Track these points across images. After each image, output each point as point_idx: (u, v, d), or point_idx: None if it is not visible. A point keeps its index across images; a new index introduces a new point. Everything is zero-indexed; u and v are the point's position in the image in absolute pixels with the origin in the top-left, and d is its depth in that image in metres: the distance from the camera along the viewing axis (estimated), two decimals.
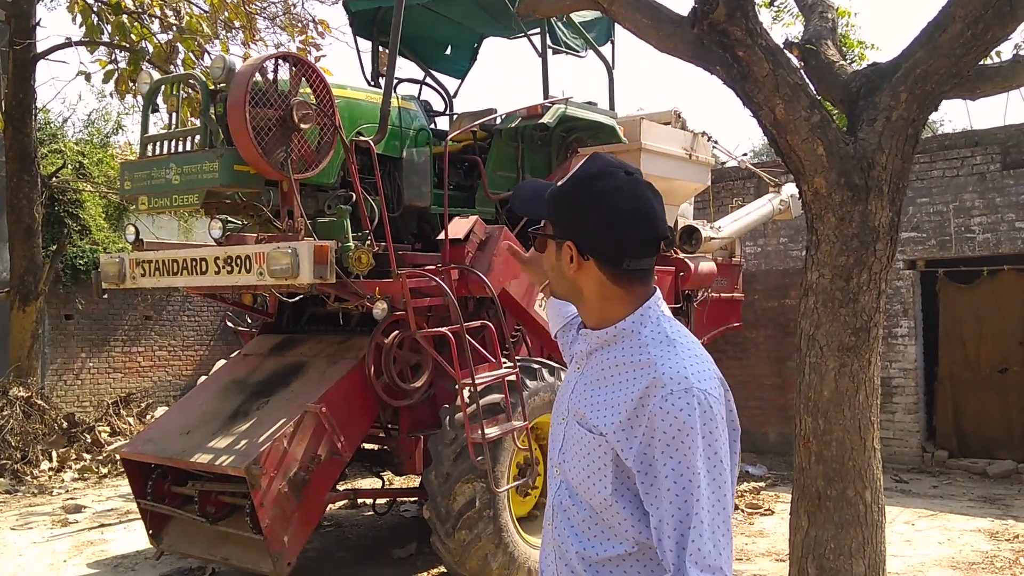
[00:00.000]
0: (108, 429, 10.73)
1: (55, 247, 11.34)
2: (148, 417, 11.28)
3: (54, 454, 9.75)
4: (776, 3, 4.89)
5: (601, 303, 1.72)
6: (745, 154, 17.95)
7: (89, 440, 10.22)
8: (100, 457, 9.93)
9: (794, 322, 3.98)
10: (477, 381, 5.30)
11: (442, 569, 5.90)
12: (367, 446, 6.51)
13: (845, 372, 3.54)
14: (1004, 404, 9.28)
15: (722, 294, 8.94)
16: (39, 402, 10.02)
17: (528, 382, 5.80)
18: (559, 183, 1.75)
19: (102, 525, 7.52)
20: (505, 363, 5.72)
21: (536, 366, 6.01)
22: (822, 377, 3.57)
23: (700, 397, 1.55)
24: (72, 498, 8.56)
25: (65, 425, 10.24)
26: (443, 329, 5.40)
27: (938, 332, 9.65)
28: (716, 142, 8.86)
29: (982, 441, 9.38)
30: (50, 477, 9.40)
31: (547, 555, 1.79)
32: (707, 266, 8.21)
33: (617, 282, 1.68)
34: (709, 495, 1.53)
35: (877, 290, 3.58)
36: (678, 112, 8.36)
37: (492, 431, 5.32)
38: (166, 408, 10.79)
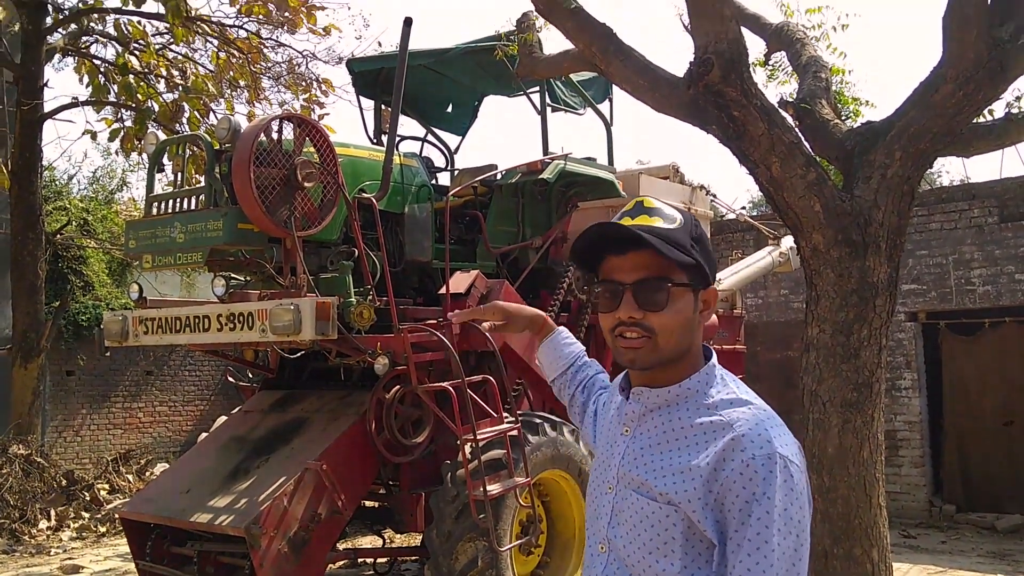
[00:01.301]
0: (107, 487, 10.64)
1: (58, 303, 11.37)
2: (148, 474, 11.20)
3: (52, 513, 9.66)
4: (771, 62, 4.98)
5: (696, 358, 1.59)
6: (743, 207, 18.04)
7: (88, 498, 10.13)
8: (99, 516, 9.84)
9: (797, 374, 3.97)
10: (479, 436, 5.27)
11: None
12: (368, 503, 6.45)
13: (849, 428, 3.54)
14: (1011, 457, 9.21)
15: (724, 346, 8.92)
16: (38, 460, 9.96)
17: (530, 437, 5.76)
18: (679, 224, 1.55)
19: None
20: (507, 418, 5.69)
21: (538, 420, 5.98)
22: (826, 433, 3.57)
23: (783, 464, 1.43)
24: (70, 558, 8.45)
25: (64, 483, 10.15)
26: (444, 384, 5.38)
27: (942, 384, 9.62)
28: (714, 195, 8.94)
29: (990, 495, 9.29)
30: (48, 536, 9.29)
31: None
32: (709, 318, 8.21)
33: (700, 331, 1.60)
34: (785, 570, 1.40)
35: (878, 345, 3.59)
36: (676, 166, 8.45)
37: (494, 488, 5.28)
38: (166, 465, 10.74)
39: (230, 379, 7.95)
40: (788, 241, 9.37)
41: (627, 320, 1.53)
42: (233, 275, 6.07)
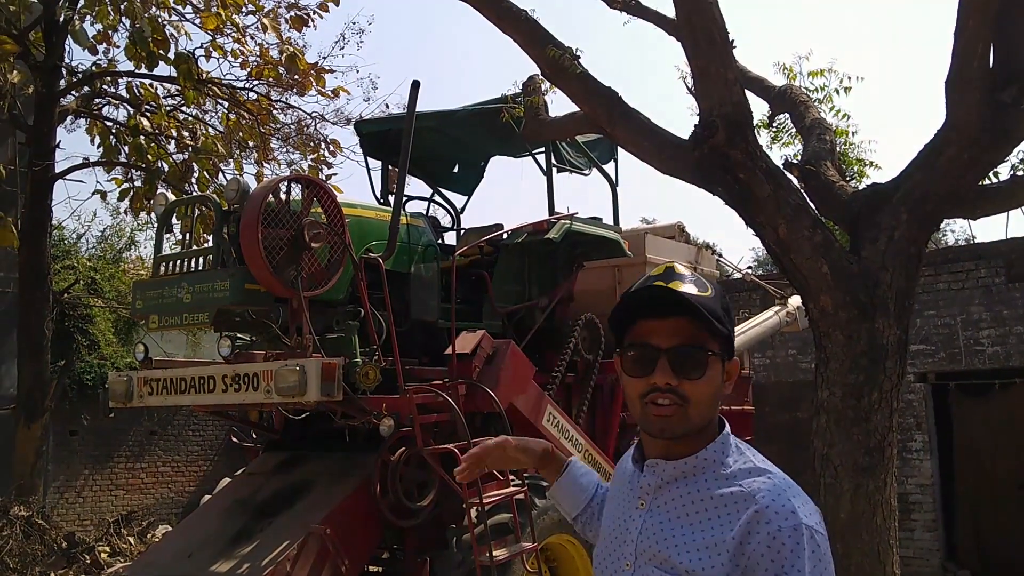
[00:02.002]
0: (108, 549, 10.48)
1: (63, 363, 11.35)
2: (149, 536, 11.04)
3: None
4: (774, 124, 5.03)
5: (713, 428, 1.57)
6: (750, 267, 18.07)
7: (88, 561, 9.97)
8: None
9: (805, 436, 3.93)
10: (485, 500, 5.20)
11: None
12: (372, 568, 6.34)
13: (861, 493, 3.48)
14: None
15: (732, 407, 8.84)
16: (39, 522, 9.84)
17: (537, 500, 5.68)
18: (712, 293, 1.53)
19: None
20: (513, 480, 5.62)
21: (545, 484, 5.89)
22: (838, 499, 3.51)
23: (808, 534, 1.42)
24: None
25: (65, 545, 10.01)
26: (450, 446, 5.33)
27: (953, 446, 9.50)
28: (720, 255, 8.99)
29: (1006, 560, 9.10)
30: None
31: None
32: None
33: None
34: None
35: (889, 408, 3.55)
36: (681, 226, 8.49)
37: (500, 553, 5.19)
38: (168, 527, 10.60)
39: (234, 440, 7.89)
40: (795, 301, 9.35)
41: (663, 386, 1.50)
42: (239, 335, 6.07)
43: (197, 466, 13.50)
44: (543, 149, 7.33)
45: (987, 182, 3.91)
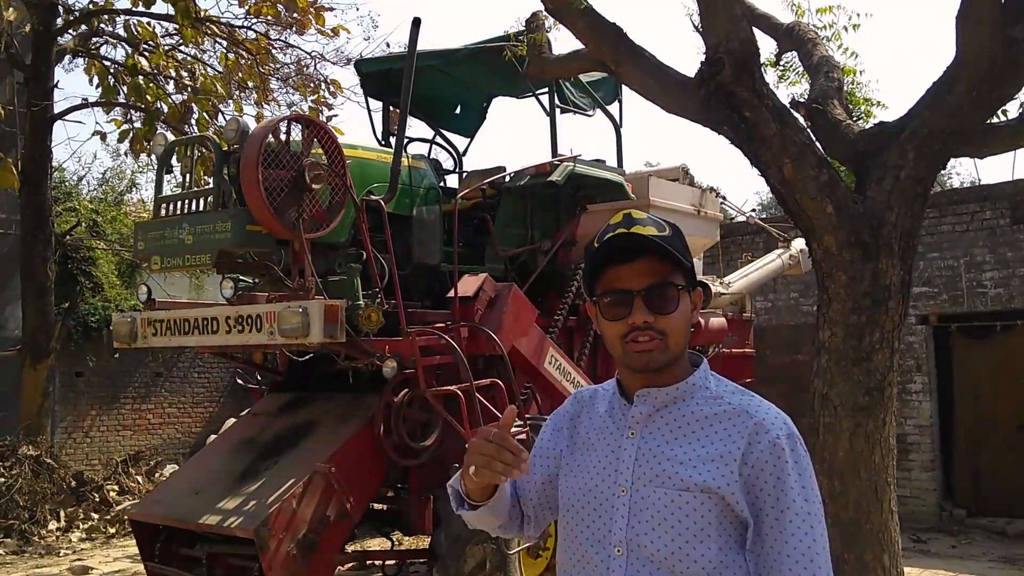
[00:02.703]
0: (116, 488, 10.66)
1: (67, 305, 11.39)
2: (157, 475, 11.21)
3: (62, 514, 9.67)
4: (782, 62, 4.94)
5: (687, 356, 1.70)
6: (753, 209, 17.99)
7: (97, 499, 10.14)
8: (108, 517, 9.85)
9: (806, 378, 3.94)
10: None
11: None
12: (376, 506, 6.44)
13: (860, 433, 3.50)
14: (1022, 461, 9.14)
15: (733, 350, 8.88)
16: (48, 461, 9.97)
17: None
18: (670, 231, 1.65)
19: None
20: (516, 422, 5.67)
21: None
22: (837, 438, 3.53)
23: (799, 439, 1.62)
24: (80, 559, 8.47)
25: (73, 484, 10.17)
26: (453, 387, 5.38)
27: (953, 388, 9.56)
28: (724, 197, 8.91)
29: (1001, 499, 9.21)
30: (57, 538, 9.31)
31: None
32: (718, 322, 8.18)
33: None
34: (822, 532, 1.57)
35: (890, 349, 3.55)
36: (686, 168, 8.41)
37: None
38: (175, 466, 10.75)
39: (239, 382, 7.95)
40: (798, 244, 9.33)
41: (641, 325, 1.60)
42: (242, 277, 6.07)
43: (203, 407, 13.64)
44: (546, 89, 7.24)
45: (995, 120, 3.86)
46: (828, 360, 3.59)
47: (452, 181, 7.80)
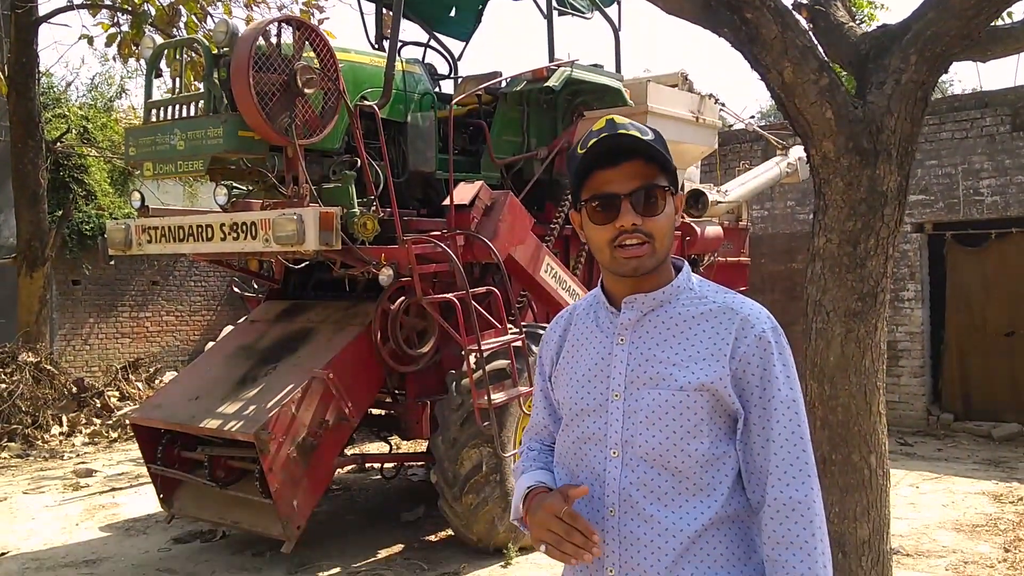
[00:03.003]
0: (117, 394, 10.81)
1: (61, 213, 11.34)
2: (157, 382, 11.36)
3: (64, 419, 9.84)
4: None
5: (669, 259, 1.71)
6: (752, 116, 17.77)
7: (99, 405, 10.30)
8: (110, 422, 10.02)
9: (800, 286, 3.96)
10: (483, 347, 5.32)
11: (449, 532, 5.96)
12: (374, 411, 6.55)
13: (851, 338, 3.54)
14: (1011, 367, 9.28)
15: (728, 258, 8.91)
16: (48, 367, 10.09)
17: (534, 348, 5.81)
18: (652, 135, 1.64)
19: (113, 489, 7.60)
20: (511, 329, 5.73)
21: (542, 332, 6.02)
22: (828, 343, 3.57)
23: (782, 333, 1.68)
24: (83, 462, 8.65)
25: (75, 390, 10.32)
26: (449, 295, 5.41)
27: (945, 296, 9.63)
28: (723, 104, 8.78)
29: (988, 404, 9.39)
30: (61, 442, 9.49)
31: (603, 552, 1.63)
32: (714, 230, 8.18)
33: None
34: (804, 418, 1.64)
35: (885, 255, 3.55)
36: (685, 74, 8.27)
37: (498, 397, 5.35)
38: (175, 373, 10.88)
39: (235, 290, 7.99)
40: (796, 152, 9.26)
41: (629, 228, 1.61)
42: (235, 184, 6.03)
43: (200, 316, 13.72)
44: None
45: (1000, 22, 3.77)
46: (822, 267, 3.60)
47: (447, 87, 7.67)
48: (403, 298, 5.63)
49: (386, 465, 7.22)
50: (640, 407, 1.62)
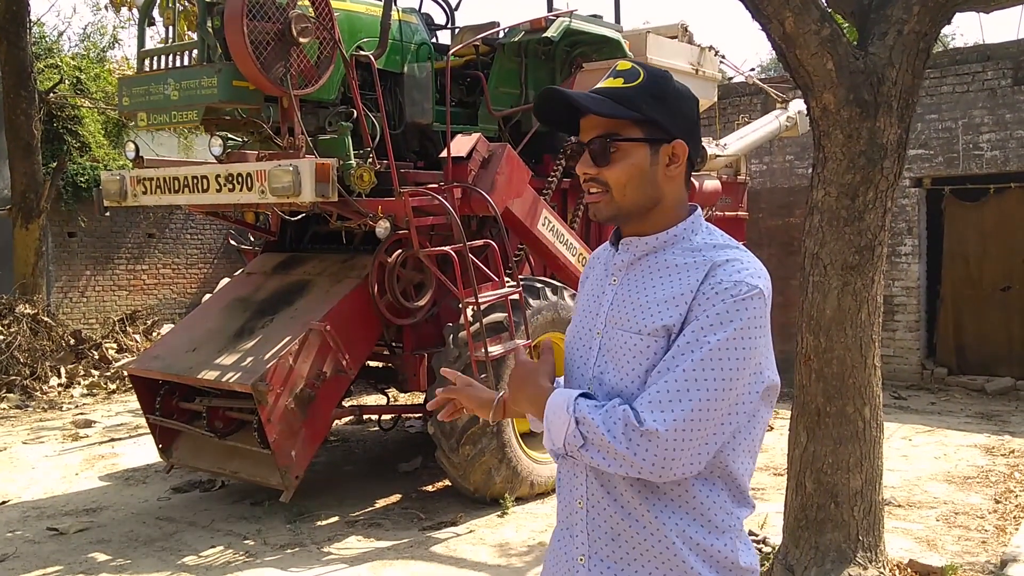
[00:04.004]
0: (115, 346, 10.85)
1: (55, 164, 11.27)
2: (154, 334, 11.39)
3: (62, 370, 9.88)
4: None
5: (675, 210, 1.67)
6: (752, 69, 17.60)
7: (97, 357, 10.34)
8: (108, 373, 10.07)
9: (798, 240, 3.96)
10: (480, 300, 5.33)
11: (447, 483, 6.02)
12: (372, 364, 6.58)
13: (848, 291, 3.55)
14: (1006, 322, 9.33)
15: (726, 212, 8.89)
16: (45, 319, 10.11)
17: (531, 301, 5.82)
18: (639, 81, 1.61)
19: (112, 439, 7.66)
20: (508, 282, 5.73)
21: (539, 285, 6.02)
22: (825, 296, 3.58)
23: (749, 290, 1.53)
24: (82, 413, 8.70)
25: (72, 342, 10.35)
26: (446, 248, 5.39)
27: (942, 250, 9.64)
28: (723, 57, 8.70)
29: (982, 358, 9.46)
30: (59, 393, 9.54)
31: (575, 483, 1.67)
32: (712, 184, 8.15)
33: (687, 184, 1.70)
34: (706, 370, 1.49)
35: (883, 208, 3.56)
36: (685, 26, 8.18)
37: (495, 349, 5.37)
38: (172, 325, 10.89)
39: (232, 243, 7.97)
40: (796, 105, 9.18)
41: (583, 176, 1.66)
42: (230, 135, 5.98)
43: (197, 268, 13.71)
44: None
45: None
46: (820, 220, 3.60)
47: (444, 37, 7.57)
48: (400, 251, 5.63)
49: (384, 417, 7.27)
50: (611, 347, 1.64)
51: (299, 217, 5.91)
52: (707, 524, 1.58)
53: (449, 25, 7.85)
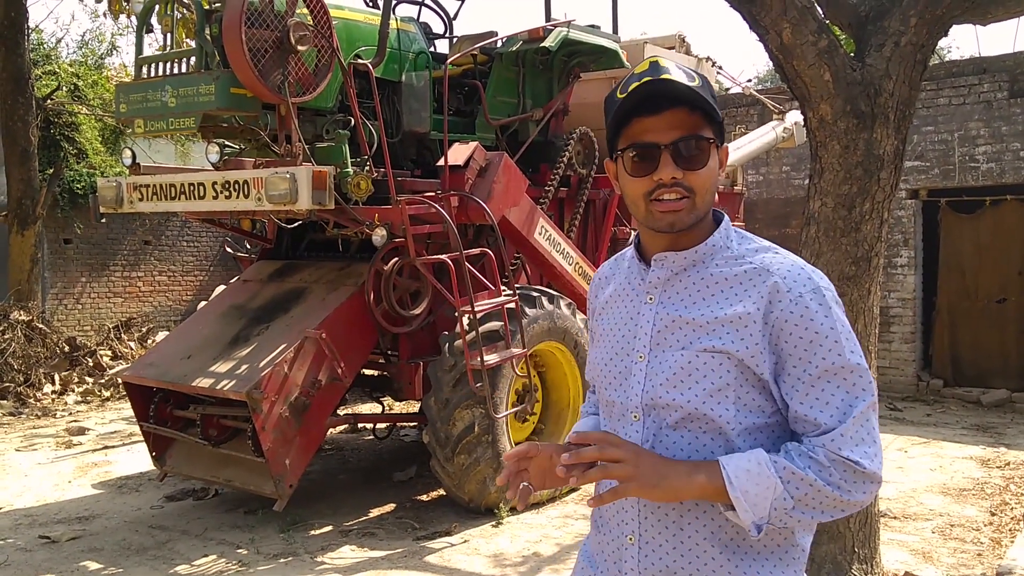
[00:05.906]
0: (110, 353, 10.81)
1: (52, 170, 11.25)
2: (149, 341, 11.36)
3: (56, 377, 9.84)
4: None
5: (709, 219, 1.58)
6: (749, 80, 17.66)
7: (91, 364, 10.31)
8: (102, 381, 10.03)
9: (794, 251, 3.96)
10: (476, 308, 5.32)
11: (441, 492, 6.00)
12: (367, 372, 6.57)
13: (845, 302, 3.53)
14: (1001, 334, 9.33)
15: None
16: (40, 326, 10.08)
17: (527, 310, 5.81)
18: (700, 81, 1.51)
19: (106, 447, 7.63)
20: (504, 291, 5.72)
21: (535, 294, 6.02)
22: None
23: (828, 291, 1.50)
24: (76, 420, 8.66)
25: (67, 349, 10.31)
26: (442, 256, 5.39)
27: (938, 262, 9.65)
28: (720, 68, 8.73)
29: (977, 370, 9.46)
30: (53, 400, 9.50)
31: (624, 517, 1.59)
32: None
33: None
34: (867, 388, 1.48)
35: (879, 219, 3.56)
36: (682, 36, 8.21)
37: (491, 358, 5.36)
38: (167, 333, 10.87)
39: (228, 250, 7.95)
40: (793, 116, 9.20)
41: (669, 181, 1.49)
42: (227, 143, 5.98)
43: (193, 276, 13.69)
44: None
45: None
46: (817, 230, 3.60)
47: (442, 46, 7.58)
48: (396, 259, 5.62)
49: (379, 425, 7.25)
50: (662, 369, 1.54)
51: (295, 224, 5.90)
52: (789, 566, 1.54)
53: (447, 34, 7.86)
